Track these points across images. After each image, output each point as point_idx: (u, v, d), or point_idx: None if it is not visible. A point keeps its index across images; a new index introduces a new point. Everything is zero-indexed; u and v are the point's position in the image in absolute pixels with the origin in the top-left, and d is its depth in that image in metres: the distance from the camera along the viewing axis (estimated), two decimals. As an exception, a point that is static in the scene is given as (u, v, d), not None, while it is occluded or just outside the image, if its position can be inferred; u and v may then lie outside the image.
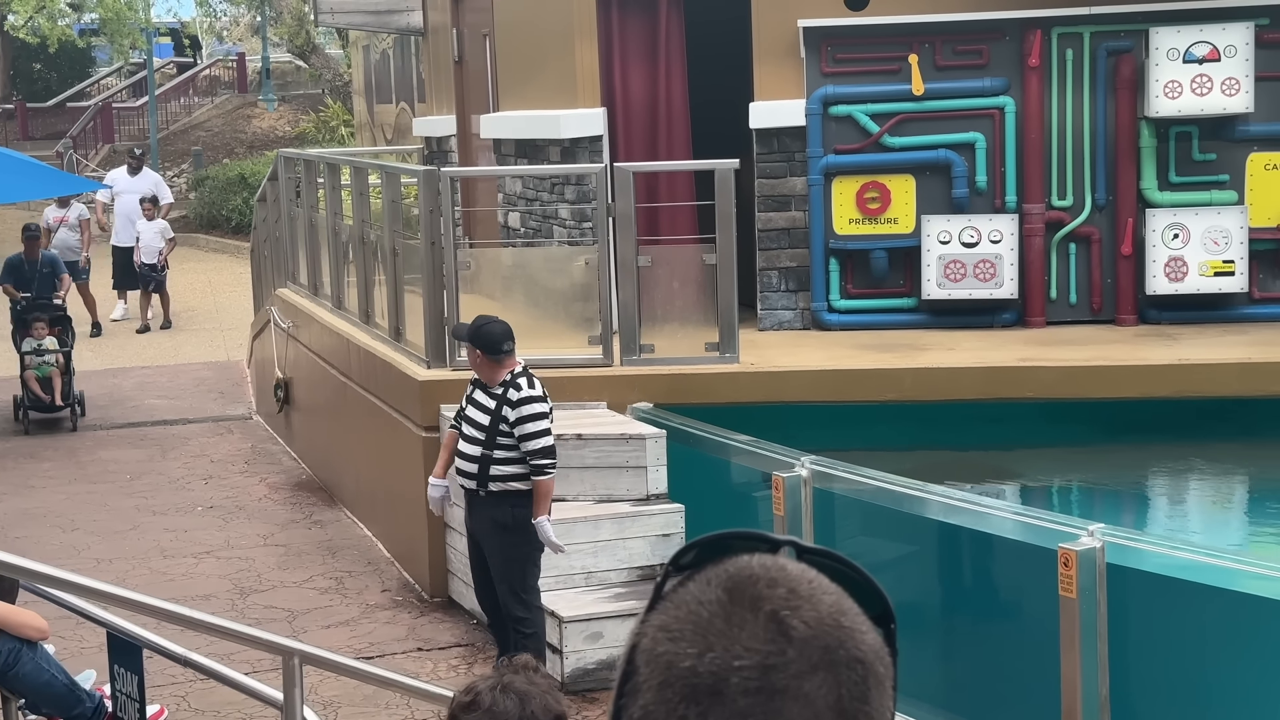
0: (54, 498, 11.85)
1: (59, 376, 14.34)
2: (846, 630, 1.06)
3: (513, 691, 3.36)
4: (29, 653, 6.21)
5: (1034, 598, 6.57)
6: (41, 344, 14.34)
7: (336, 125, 30.96)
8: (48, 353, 14.36)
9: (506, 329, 7.62)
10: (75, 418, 14.41)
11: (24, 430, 14.25)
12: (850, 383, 9.51)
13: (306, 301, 12.92)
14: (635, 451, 8.61)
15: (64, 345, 14.57)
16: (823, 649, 1.04)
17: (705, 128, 11.52)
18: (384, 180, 10.94)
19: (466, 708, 3.34)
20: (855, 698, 1.04)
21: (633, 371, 9.53)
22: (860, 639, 1.06)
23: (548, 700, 3.39)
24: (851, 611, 1.08)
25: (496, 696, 3.34)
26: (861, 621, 1.08)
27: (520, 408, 7.46)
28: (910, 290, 10.94)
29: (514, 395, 7.48)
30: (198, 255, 28.03)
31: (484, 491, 7.53)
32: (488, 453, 7.50)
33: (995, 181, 10.85)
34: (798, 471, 7.54)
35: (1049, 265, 10.86)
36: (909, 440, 9.61)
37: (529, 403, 7.47)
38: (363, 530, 10.85)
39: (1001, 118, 10.82)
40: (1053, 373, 9.43)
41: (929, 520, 7.32)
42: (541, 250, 11.58)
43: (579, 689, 7.85)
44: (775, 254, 11.15)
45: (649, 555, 8.41)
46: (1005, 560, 7.20)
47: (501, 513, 7.49)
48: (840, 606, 1.07)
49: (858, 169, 10.91)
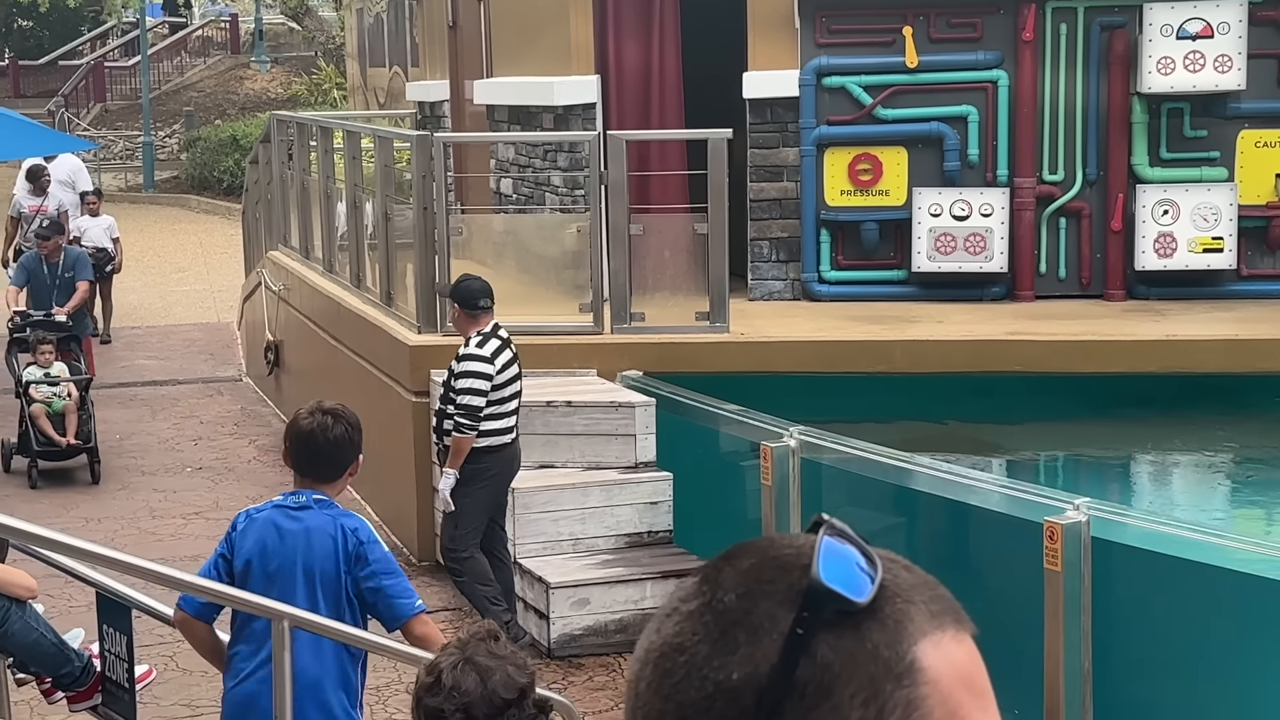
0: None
1: (74, 412, 11.25)
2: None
3: (474, 668, 3.35)
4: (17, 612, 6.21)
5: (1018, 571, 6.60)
6: (49, 371, 11.38)
7: (329, 88, 30.85)
8: (59, 382, 11.36)
9: (485, 286, 7.84)
10: (95, 464, 11.20)
11: (30, 484, 11.02)
12: (840, 354, 9.51)
13: (298, 264, 12.89)
14: (624, 419, 8.63)
15: (77, 372, 11.65)
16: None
17: (698, 97, 11.49)
18: (377, 145, 10.91)
19: (429, 689, 3.34)
20: None
21: (623, 339, 9.53)
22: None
23: (509, 673, 3.38)
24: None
25: (457, 676, 3.33)
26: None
27: (461, 363, 7.69)
28: (901, 262, 10.94)
29: (461, 350, 7.75)
30: (189, 216, 27.98)
31: (440, 445, 7.87)
32: (442, 407, 7.83)
33: (987, 155, 10.84)
34: (786, 442, 7.55)
35: (1039, 239, 10.87)
36: (897, 412, 9.63)
37: (468, 360, 7.68)
38: (350, 494, 10.85)
39: (995, 91, 10.80)
40: (1041, 347, 9.44)
41: (915, 492, 7.34)
42: (534, 217, 11.56)
43: (565, 654, 7.88)
44: (767, 224, 11.14)
45: (636, 522, 8.44)
46: (990, 533, 7.22)
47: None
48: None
49: (850, 140, 10.90)
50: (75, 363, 11.77)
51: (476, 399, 7.63)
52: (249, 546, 4.72)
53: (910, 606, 1.02)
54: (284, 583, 4.65)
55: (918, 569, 1.06)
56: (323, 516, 4.74)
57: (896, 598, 1.02)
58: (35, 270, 12.85)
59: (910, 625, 1.01)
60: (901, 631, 1.01)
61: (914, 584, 1.04)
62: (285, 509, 4.77)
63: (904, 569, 1.05)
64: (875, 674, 0.99)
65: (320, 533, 4.71)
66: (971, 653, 1.05)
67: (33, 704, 6.81)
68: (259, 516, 4.76)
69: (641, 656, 1.04)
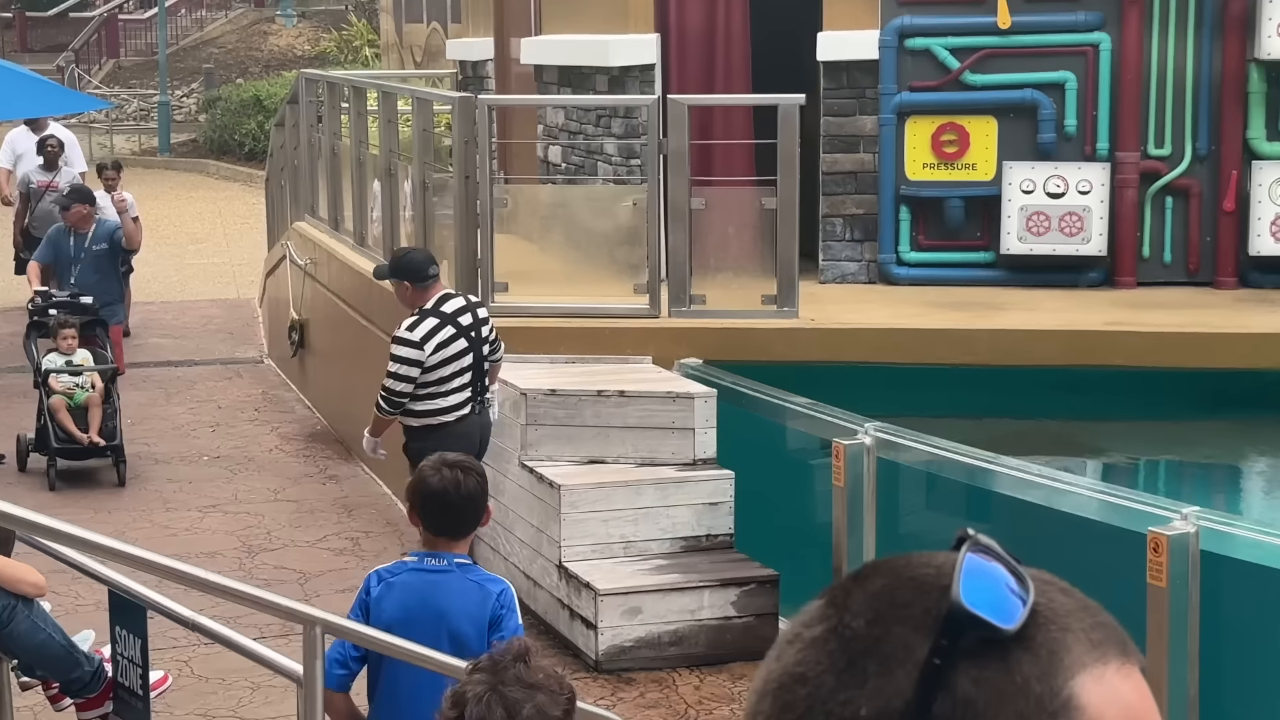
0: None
1: (98, 406, 10.98)
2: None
3: (501, 700, 3.32)
4: (24, 610, 6.26)
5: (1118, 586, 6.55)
6: (71, 359, 11.11)
7: (360, 45, 30.98)
8: (82, 371, 11.10)
9: (428, 255, 8.33)
10: (121, 465, 10.91)
11: (48, 485, 10.69)
12: (919, 343, 9.50)
13: (326, 237, 12.94)
14: (682, 412, 8.62)
15: (103, 360, 11.33)
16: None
17: (768, 59, 11.46)
18: (414, 107, 10.94)
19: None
20: None
21: (682, 324, 9.53)
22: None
23: (541, 704, 3.34)
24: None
25: (482, 711, 3.31)
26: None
27: (392, 345, 8.06)
28: (988, 243, 10.91)
29: (395, 332, 8.10)
30: (207, 183, 28.17)
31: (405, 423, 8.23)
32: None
33: (1086, 126, 10.79)
34: (860, 439, 7.53)
35: (1142, 220, 10.81)
36: (983, 408, 9.63)
37: (398, 343, 7.99)
38: (381, 487, 10.90)
39: (1095, 56, 10.74)
40: (1143, 339, 9.41)
41: (1003, 496, 7.32)
42: (585, 189, 11.57)
43: (614, 668, 7.88)
44: (840, 200, 11.12)
45: (694, 525, 8.43)
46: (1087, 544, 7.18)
47: (416, 445, 8.00)
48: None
49: (934, 108, 10.87)
50: (101, 350, 11.40)
51: (399, 384, 7.99)
52: (390, 612, 4.80)
53: (1067, 634, 0.99)
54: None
55: (1077, 592, 1.03)
56: (467, 582, 4.86)
57: (1051, 624, 0.99)
58: (61, 244, 12.54)
59: (1067, 656, 0.98)
60: (1057, 663, 0.97)
61: (1072, 609, 1.01)
62: (424, 572, 4.85)
63: (1060, 592, 1.02)
64: (1025, 712, 0.96)
65: (465, 598, 4.82)
66: (1140, 689, 1.01)
67: (36, 710, 6.87)
68: (396, 580, 4.85)
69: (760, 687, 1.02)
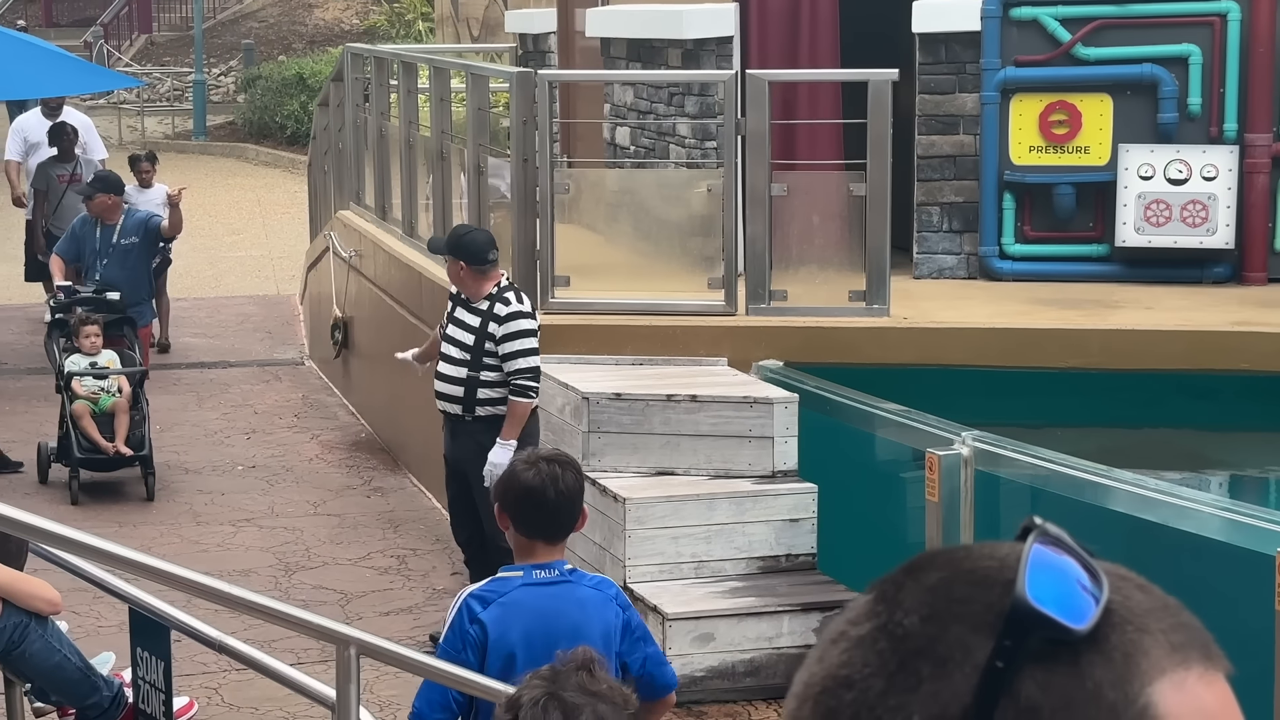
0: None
1: (125, 412, 10.88)
2: None
3: (559, 705, 3.37)
4: (38, 629, 6.30)
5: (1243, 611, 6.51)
6: (96, 360, 11.04)
7: (413, 19, 31.13)
8: (108, 374, 11.02)
9: (489, 237, 8.36)
10: (150, 477, 10.84)
11: (70, 499, 10.66)
12: (1024, 344, 9.47)
13: (372, 227, 13.02)
14: (761, 419, 8.60)
15: (131, 362, 11.27)
16: None
17: (858, 31, 11.43)
18: (469, 84, 10.98)
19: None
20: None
21: (760, 322, 9.53)
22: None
23: (600, 713, 3.39)
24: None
25: (538, 715, 3.36)
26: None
27: (507, 324, 8.10)
28: (1101, 235, 10.85)
29: (501, 310, 8.13)
30: (246, 169, 28.40)
31: (470, 416, 8.23)
32: (474, 375, 8.19)
33: (1212, 105, 10.71)
34: (957, 449, 7.53)
35: (1274, 209, 10.74)
36: (1094, 416, 9.59)
37: (516, 319, 8.11)
38: (430, 501, 10.94)
39: (1223, 27, 10.66)
40: (1273, 340, 9.35)
41: (1116, 514, 7.30)
42: (655, 173, 11.59)
43: (684, 699, 7.85)
44: (937, 186, 11.08)
45: (772, 543, 8.40)
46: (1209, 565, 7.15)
47: (490, 439, 8.09)
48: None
49: (1043, 85, 10.83)
50: (129, 351, 11.35)
51: (537, 359, 8.13)
52: (513, 638, 4.71)
53: (1144, 636, 0.97)
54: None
55: (1156, 589, 1.02)
56: (584, 590, 4.83)
57: (1127, 625, 0.97)
58: (86, 235, 12.37)
59: (1144, 660, 0.96)
60: (1133, 668, 0.96)
61: (1150, 608, 0.99)
62: (538, 586, 4.79)
63: (1137, 589, 1.00)
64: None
65: (587, 611, 4.79)
66: (1224, 697, 0.99)
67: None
68: (507, 600, 4.74)
69: (800, 692, 1.01)
